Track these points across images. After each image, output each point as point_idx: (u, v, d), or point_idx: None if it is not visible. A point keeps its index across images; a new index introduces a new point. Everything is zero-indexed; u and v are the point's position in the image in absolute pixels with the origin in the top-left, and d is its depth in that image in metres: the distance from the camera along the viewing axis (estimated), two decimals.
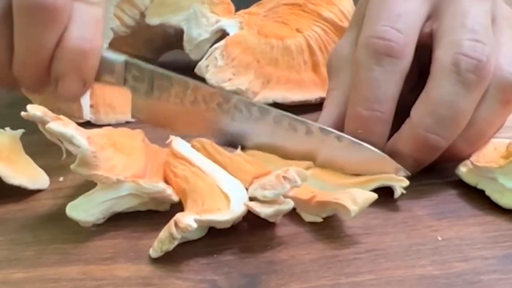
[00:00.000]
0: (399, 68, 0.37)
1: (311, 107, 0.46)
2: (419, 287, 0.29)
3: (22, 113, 0.36)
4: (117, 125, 0.49)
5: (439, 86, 0.36)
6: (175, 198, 0.35)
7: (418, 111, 0.36)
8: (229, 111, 0.39)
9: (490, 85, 0.36)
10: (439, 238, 0.33)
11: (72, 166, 0.34)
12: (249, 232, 0.34)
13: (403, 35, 0.37)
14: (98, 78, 0.40)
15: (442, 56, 0.36)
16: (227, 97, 0.39)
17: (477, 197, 0.36)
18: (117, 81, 0.41)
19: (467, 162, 0.37)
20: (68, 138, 0.34)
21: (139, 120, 0.42)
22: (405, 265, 0.31)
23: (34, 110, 0.35)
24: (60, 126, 0.34)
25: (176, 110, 0.40)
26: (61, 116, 0.36)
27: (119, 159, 0.36)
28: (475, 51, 0.36)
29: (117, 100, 0.50)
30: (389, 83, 0.37)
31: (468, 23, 0.37)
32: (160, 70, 0.40)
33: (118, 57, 0.41)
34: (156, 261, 0.32)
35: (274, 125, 0.38)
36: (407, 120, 0.37)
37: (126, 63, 0.40)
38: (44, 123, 0.35)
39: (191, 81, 0.40)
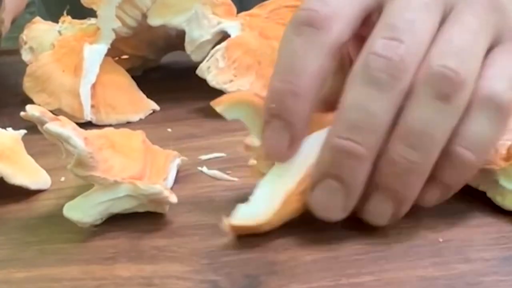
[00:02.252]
0: (321, 40, 0.33)
1: None
2: None
3: (22, 113, 0.36)
4: (118, 125, 0.49)
5: (350, 90, 0.32)
6: (173, 199, 0.35)
7: (333, 119, 0.33)
8: None
9: (418, 82, 0.32)
10: (440, 240, 0.33)
11: (68, 167, 0.35)
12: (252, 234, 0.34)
13: (331, 8, 0.33)
14: None
15: (357, 59, 0.33)
16: None
17: (478, 199, 0.36)
18: None
19: None
20: (65, 138, 0.34)
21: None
22: (406, 267, 0.31)
23: (33, 110, 0.35)
24: (57, 127, 0.34)
25: None
26: (60, 117, 0.36)
27: (117, 160, 0.36)
28: (386, 50, 0.32)
29: (118, 101, 0.50)
30: (307, 54, 0.33)
31: (389, 20, 0.33)
32: None
33: None
34: (157, 261, 0.32)
35: None
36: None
37: None
38: (42, 123, 0.35)
39: None
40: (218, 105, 0.35)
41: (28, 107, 0.35)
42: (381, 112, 0.32)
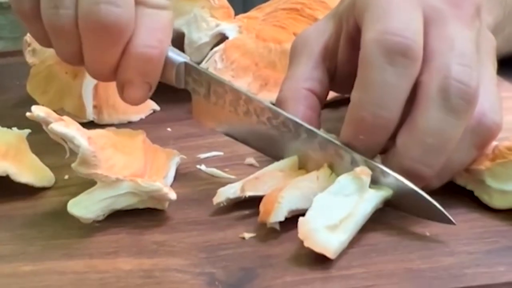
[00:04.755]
0: (411, 72, 0.34)
1: None
2: (407, 280, 0.31)
3: (27, 114, 0.37)
4: (119, 125, 0.50)
5: (426, 114, 0.34)
6: (172, 196, 0.37)
7: (403, 140, 0.35)
8: (278, 127, 0.38)
9: (468, 128, 0.35)
10: (427, 234, 0.34)
11: (73, 165, 0.36)
12: (246, 228, 0.35)
13: (418, 36, 0.35)
14: (160, 78, 0.41)
15: (429, 81, 0.34)
16: (276, 114, 0.38)
17: (466, 197, 0.37)
18: (177, 82, 0.41)
19: None
20: (69, 138, 0.36)
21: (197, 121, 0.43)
22: (395, 259, 0.32)
23: (38, 111, 0.37)
24: (62, 127, 0.36)
25: (231, 117, 0.40)
26: (64, 117, 0.38)
27: (118, 158, 0.38)
28: (464, 76, 0.34)
29: (119, 101, 0.51)
30: (399, 87, 0.34)
31: (456, 47, 0.35)
32: (216, 76, 0.41)
33: (179, 58, 0.41)
34: (157, 255, 0.34)
35: (320, 150, 0.37)
36: (392, 149, 0.35)
37: (186, 66, 0.41)
38: (47, 123, 0.36)
39: (243, 93, 0.39)
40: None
41: (34, 107, 0.37)
42: (456, 137, 0.34)
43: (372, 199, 0.34)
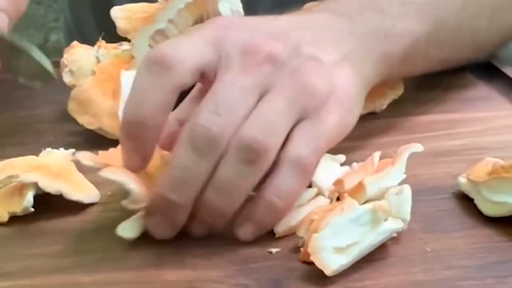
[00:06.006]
0: (166, 78, 0.40)
1: None
2: None
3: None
4: None
5: (177, 151, 0.40)
6: None
7: (163, 173, 0.41)
8: None
9: (230, 147, 0.39)
10: (428, 249, 0.39)
11: (123, 203, 0.41)
12: (273, 244, 0.41)
13: (177, 53, 0.41)
14: None
15: (184, 127, 0.40)
16: None
17: (466, 206, 0.43)
18: None
19: (465, 175, 0.44)
20: (121, 184, 0.40)
21: None
22: (400, 273, 0.38)
23: (85, 160, 0.42)
24: (111, 174, 0.41)
25: None
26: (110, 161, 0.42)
27: None
28: (207, 122, 0.39)
29: None
30: (153, 90, 0.40)
31: (217, 95, 0.40)
32: None
33: None
34: (197, 267, 0.39)
35: None
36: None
37: None
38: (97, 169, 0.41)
39: None
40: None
41: (80, 157, 0.42)
42: (199, 173, 0.40)
43: (383, 233, 0.38)
